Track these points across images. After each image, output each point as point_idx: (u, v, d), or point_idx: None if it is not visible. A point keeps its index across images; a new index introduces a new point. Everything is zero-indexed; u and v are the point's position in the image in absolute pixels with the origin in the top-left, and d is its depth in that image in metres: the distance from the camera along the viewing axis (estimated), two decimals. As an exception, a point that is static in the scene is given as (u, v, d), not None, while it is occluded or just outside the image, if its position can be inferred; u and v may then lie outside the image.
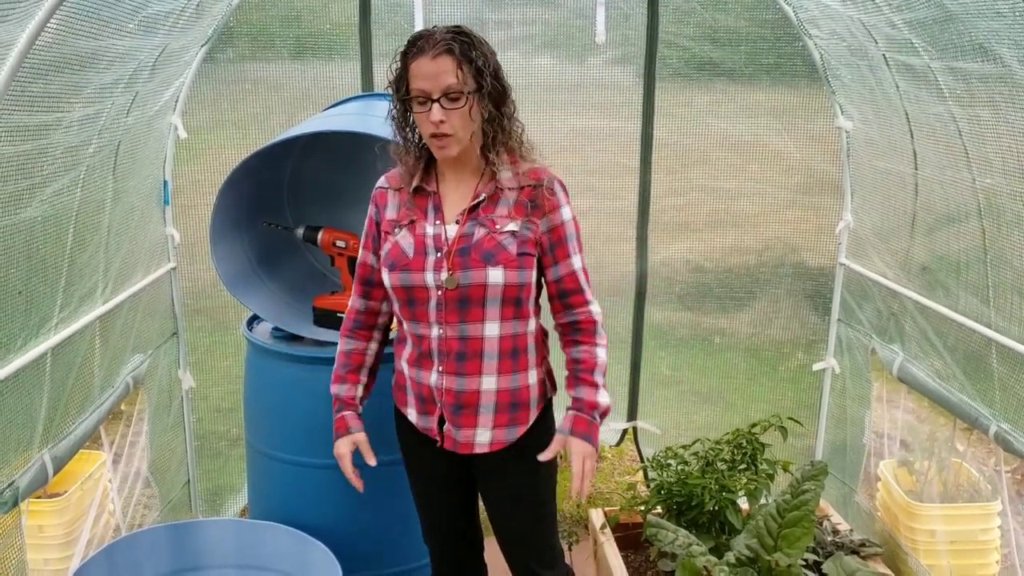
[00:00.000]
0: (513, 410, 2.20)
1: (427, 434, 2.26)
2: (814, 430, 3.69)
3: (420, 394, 2.23)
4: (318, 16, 3.29)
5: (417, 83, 2.01)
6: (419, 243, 2.13)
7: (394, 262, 2.14)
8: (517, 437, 2.22)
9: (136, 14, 2.34)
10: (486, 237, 2.10)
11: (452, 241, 2.11)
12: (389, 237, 2.17)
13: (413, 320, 2.16)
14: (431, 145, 2.08)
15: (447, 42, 2.00)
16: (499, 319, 2.12)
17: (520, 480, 2.28)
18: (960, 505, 3.10)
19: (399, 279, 2.13)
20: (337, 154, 2.93)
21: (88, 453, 2.99)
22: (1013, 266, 2.45)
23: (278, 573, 2.66)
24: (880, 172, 3.23)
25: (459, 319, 2.11)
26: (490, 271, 2.08)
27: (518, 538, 2.34)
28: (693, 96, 3.47)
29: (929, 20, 2.40)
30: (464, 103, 2.02)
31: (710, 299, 3.70)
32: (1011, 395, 2.49)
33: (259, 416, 2.77)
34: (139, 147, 2.94)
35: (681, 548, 2.66)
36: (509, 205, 2.12)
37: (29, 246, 2.28)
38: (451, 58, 2.00)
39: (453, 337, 2.13)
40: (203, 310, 3.49)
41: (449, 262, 2.09)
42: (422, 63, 2.00)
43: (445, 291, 2.10)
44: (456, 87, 2.00)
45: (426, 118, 2.02)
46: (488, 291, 2.09)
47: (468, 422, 2.19)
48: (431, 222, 2.14)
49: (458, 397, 2.17)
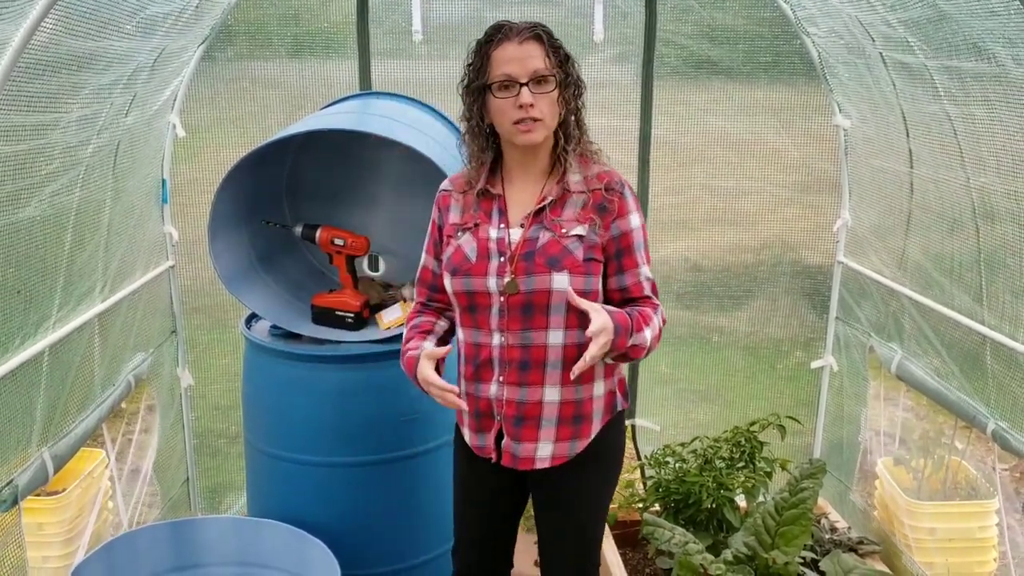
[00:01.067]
0: (576, 423, 2.11)
1: (482, 453, 2.17)
2: (812, 428, 3.70)
3: (477, 409, 2.14)
4: (316, 15, 3.29)
5: (502, 68, 1.96)
6: (482, 247, 2.06)
7: (456, 267, 2.08)
8: (578, 452, 2.13)
9: (134, 15, 2.35)
10: (551, 241, 2.02)
11: (516, 245, 2.04)
12: (452, 241, 2.11)
13: (474, 327, 2.09)
14: (514, 133, 2.00)
15: (532, 28, 1.98)
16: (563, 327, 2.03)
17: (577, 496, 2.18)
18: (958, 503, 3.10)
19: (461, 284, 2.07)
20: (335, 152, 2.93)
21: (88, 451, 3.00)
22: (1007, 264, 2.46)
23: (277, 571, 2.67)
24: (877, 170, 3.24)
25: (522, 326, 2.04)
26: (555, 276, 2.00)
27: (564, 553, 2.25)
28: (691, 94, 3.46)
29: (923, 19, 2.40)
30: (553, 88, 1.98)
31: (708, 297, 3.70)
32: (1006, 393, 2.50)
33: (258, 414, 2.78)
34: (138, 147, 2.95)
35: (678, 546, 2.66)
36: (576, 208, 2.05)
37: (28, 246, 2.28)
38: (539, 44, 1.97)
39: (515, 345, 2.05)
40: (202, 308, 3.49)
41: (512, 267, 2.03)
42: (508, 48, 1.96)
43: (507, 297, 2.03)
44: (545, 71, 1.97)
45: (511, 104, 1.97)
46: (552, 297, 2.01)
47: (529, 435, 2.10)
48: (495, 225, 2.08)
49: (519, 408, 2.08)
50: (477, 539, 2.32)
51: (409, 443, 2.68)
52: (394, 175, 2.96)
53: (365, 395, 2.64)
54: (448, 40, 3.22)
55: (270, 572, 2.68)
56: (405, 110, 2.91)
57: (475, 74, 2.02)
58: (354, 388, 2.64)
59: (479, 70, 2.01)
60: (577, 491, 2.18)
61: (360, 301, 2.78)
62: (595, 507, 2.23)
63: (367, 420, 2.65)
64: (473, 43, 2.04)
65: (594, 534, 2.26)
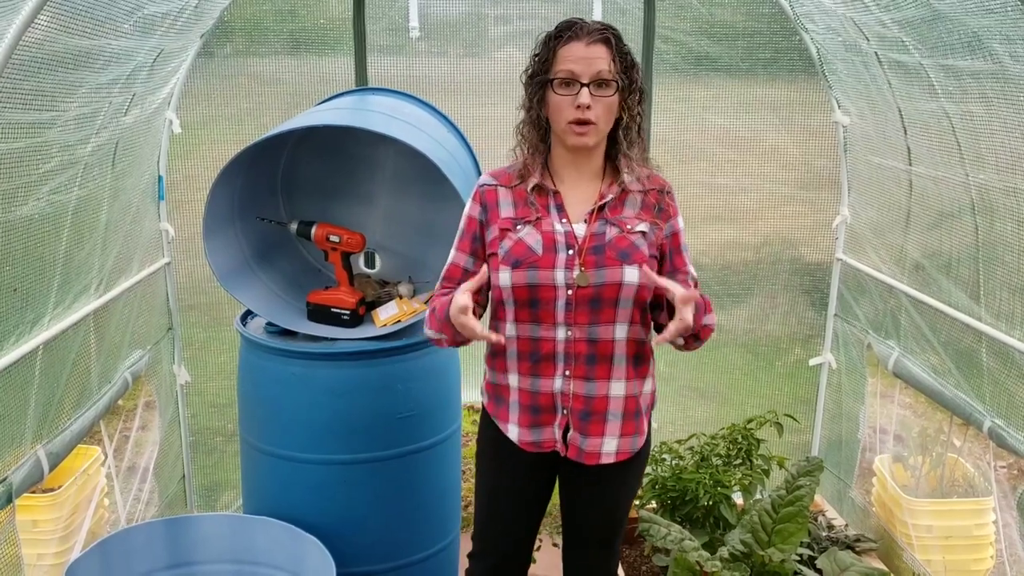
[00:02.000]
0: (636, 418, 2.14)
1: (537, 449, 2.14)
2: (810, 425, 3.69)
3: (535, 404, 2.11)
4: (312, 11, 3.29)
5: (566, 65, 1.98)
6: (548, 240, 2.04)
7: (519, 259, 2.04)
8: (639, 448, 2.16)
9: (132, 14, 2.34)
10: (619, 236, 2.04)
11: (584, 239, 2.04)
12: (509, 234, 2.07)
13: (534, 322, 2.06)
14: (567, 132, 2.01)
15: (602, 31, 1.99)
16: (629, 321, 2.06)
17: (620, 490, 2.21)
18: (955, 500, 3.10)
19: (525, 277, 2.03)
20: (331, 149, 2.93)
21: (84, 448, 3.00)
22: (1005, 262, 2.45)
23: (272, 568, 2.67)
24: (875, 167, 3.23)
25: (589, 320, 2.04)
26: (626, 269, 2.02)
27: (597, 545, 2.27)
28: (691, 91, 3.46)
29: (917, 19, 2.39)
30: (612, 93, 2.00)
31: (707, 295, 3.69)
32: (1002, 391, 2.49)
33: (253, 411, 2.77)
34: (137, 145, 2.95)
35: (674, 543, 2.66)
36: (636, 207, 2.08)
37: (25, 243, 2.28)
38: (606, 48, 1.99)
39: (582, 339, 2.05)
40: (198, 305, 3.49)
41: (582, 260, 2.03)
42: (575, 47, 1.98)
43: (576, 290, 2.02)
44: (608, 75, 1.98)
45: (569, 102, 1.98)
46: (622, 291, 2.02)
47: (596, 430, 2.10)
48: (557, 219, 2.07)
49: (587, 403, 2.09)
50: (507, 539, 2.29)
51: (405, 440, 2.68)
52: (390, 172, 2.95)
53: (361, 392, 2.64)
54: (445, 37, 3.22)
55: (265, 570, 2.68)
56: (402, 106, 2.91)
57: (539, 66, 2.03)
58: (350, 385, 2.64)
59: (544, 63, 2.02)
60: (618, 494, 2.22)
61: (356, 298, 2.78)
62: (629, 501, 2.28)
63: (363, 417, 2.64)
64: (542, 35, 2.05)
65: (624, 524, 2.32)
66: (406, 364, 2.66)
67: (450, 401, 2.82)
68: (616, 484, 2.20)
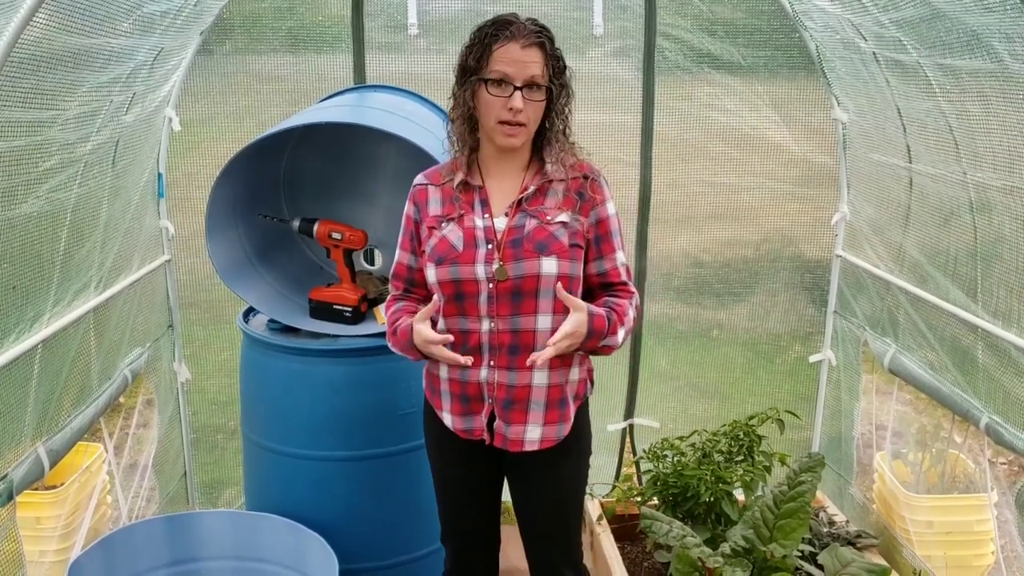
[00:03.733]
0: (561, 407, 2.18)
1: (469, 436, 2.20)
2: (811, 422, 3.69)
3: (464, 393, 2.18)
4: (311, 8, 3.28)
5: (500, 66, 2.01)
6: (468, 236, 2.10)
7: (442, 256, 2.10)
8: (564, 435, 2.19)
9: (131, 13, 2.34)
10: (537, 228, 2.09)
11: (503, 233, 2.09)
12: (435, 232, 2.13)
13: (461, 315, 2.12)
14: (497, 132, 2.06)
15: (538, 35, 2.03)
16: (551, 312, 2.09)
17: (559, 478, 2.25)
18: (955, 496, 3.10)
19: (448, 273, 2.09)
20: (332, 146, 2.93)
21: (86, 445, 3.00)
22: (1003, 259, 2.45)
23: (274, 564, 2.67)
24: (875, 165, 3.23)
25: (511, 312, 2.09)
26: (543, 261, 2.06)
27: (549, 537, 2.30)
28: (692, 89, 3.45)
29: (916, 18, 2.38)
30: (542, 98, 2.05)
31: (708, 293, 3.69)
32: (999, 387, 2.49)
33: (255, 408, 2.78)
34: (137, 143, 2.95)
35: (675, 539, 2.66)
36: (558, 197, 2.12)
37: (24, 242, 2.28)
38: (541, 52, 2.03)
39: (505, 331, 2.10)
40: (198, 303, 3.49)
41: (501, 253, 2.07)
42: (511, 48, 2.01)
43: (497, 283, 2.07)
44: (540, 80, 2.03)
45: (501, 103, 2.02)
46: (541, 282, 2.07)
47: (518, 418, 2.15)
48: (479, 215, 2.12)
49: (509, 392, 2.13)
50: (465, 522, 2.36)
51: (407, 437, 2.68)
52: (391, 168, 2.96)
53: (363, 389, 2.64)
54: (444, 34, 3.21)
55: (268, 566, 2.68)
56: (402, 103, 2.91)
57: (473, 62, 2.05)
58: (352, 382, 2.65)
59: (478, 59, 2.04)
60: (556, 479, 2.24)
61: (358, 295, 2.78)
62: (575, 490, 2.30)
63: (365, 414, 2.65)
64: (476, 28, 2.06)
65: (578, 511, 2.33)
66: (407, 361, 2.65)
67: (451, 398, 2.82)
68: (550, 474, 2.23)
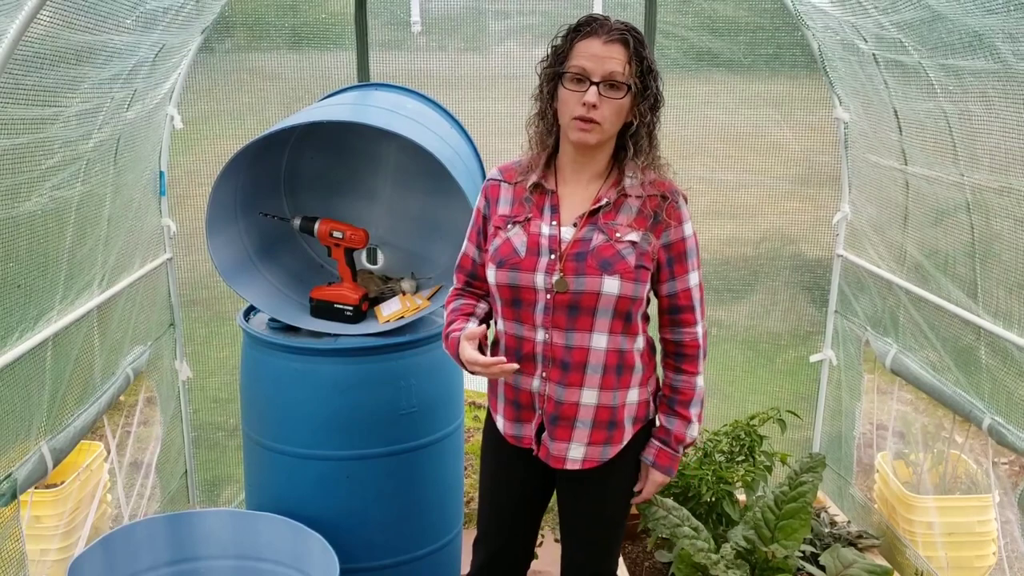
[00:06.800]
0: (610, 428, 2.11)
1: (518, 443, 2.17)
2: (811, 422, 3.69)
3: (517, 400, 2.13)
4: (314, 5, 3.28)
5: (580, 61, 1.94)
6: (532, 242, 2.04)
7: (503, 259, 2.05)
8: (610, 457, 2.13)
9: (134, 9, 2.33)
10: (604, 244, 2.01)
11: (568, 244, 2.02)
12: (500, 232, 2.08)
13: (517, 320, 2.07)
14: (571, 128, 1.98)
15: (622, 32, 1.95)
16: (608, 331, 2.03)
17: (604, 499, 2.21)
18: (957, 497, 3.10)
19: (507, 277, 2.04)
20: (333, 144, 2.92)
21: (87, 444, 3.00)
22: (1001, 259, 2.45)
23: (275, 564, 2.67)
24: (873, 165, 3.23)
25: (567, 326, 2.02)
26: (606, 279, 1.99)
27: (589, 548, 2.26)
28: (692, 87, 3.45)
29: (917, 20, 2.38)
30: (623, 96, 1.96)
31: (708, 292, 3.68)
32: (1001, 388, 2.49)
33: (255, 407, 2.77)
34: (139, 141, 2.94)
35: (668, 527, 2.65)
36: (631, 214, 2.03)
37: (29, 240, 2.28)
38: (624, 49, 1.94)
39: (559, 344, 2.04)
40: (200, 301, 3.49)
41: (562, 265, 2.01)
42: (592, 43, 1.94)
43: (555, 295, 2.01)
44: (620, 77, 1.94)
45: (577, 98, 1.94)
46: (600, 300, 2.00)
47: (563, 435, 2.10)
48: (547, 221, 2.05)
49: (557, 408, 2.08)
50: (503, 527, 2.31)
51: (408, 436, 2.68)
52: (393, 167, 2.95)
53: (364, 388, 2.64)
54: (447, 32, 3.21)
55: (268, 565, 2.68)
56: (404, 102, 2.90)
57: (555, 58, 2.01)
58: (353, 381, 2.64)
59: (559, 55, 2.00)
60: (603, 497, 2.20)
61: (359, 294, 2.78)
62: (617, 514, 2.25)
63: (366, 413, 2.64)
64: (563, 27, 2.01)
65: (618, 532, 2.28)
66: (409, 360, 2.66)
67: (453, 397, 2.82)
68: (597, 491, 2.19)
